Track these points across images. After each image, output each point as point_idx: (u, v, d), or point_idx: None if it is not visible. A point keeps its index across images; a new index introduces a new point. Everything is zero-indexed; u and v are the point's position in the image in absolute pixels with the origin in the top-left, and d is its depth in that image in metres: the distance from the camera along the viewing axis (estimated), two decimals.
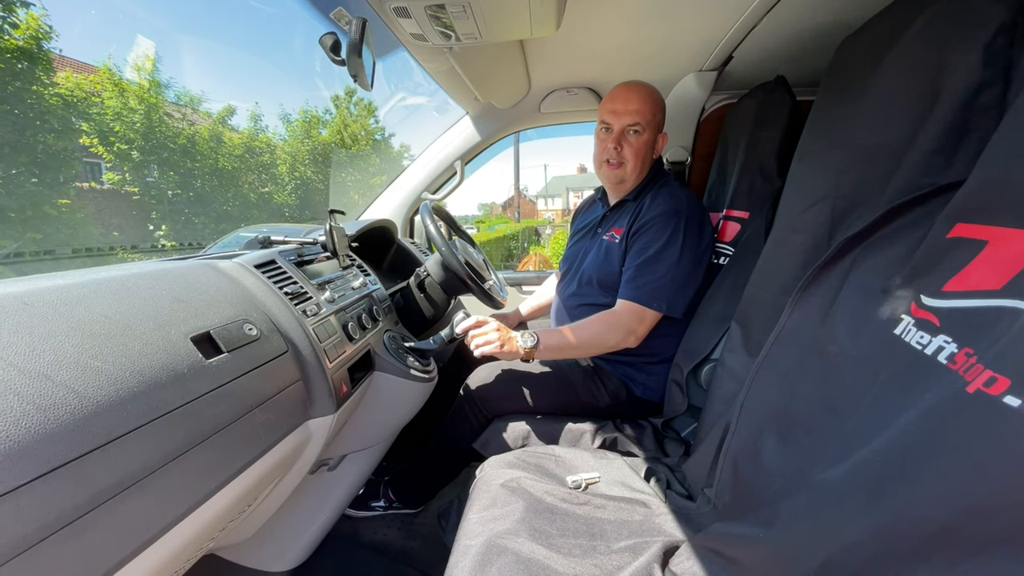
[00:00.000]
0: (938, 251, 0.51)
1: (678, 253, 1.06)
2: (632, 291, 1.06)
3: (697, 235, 1.10)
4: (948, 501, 0.40)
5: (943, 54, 0.58)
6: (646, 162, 1.16)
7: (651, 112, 1.10)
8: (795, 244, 0.79)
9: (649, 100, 1.10)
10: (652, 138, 1.14)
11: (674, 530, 0.75)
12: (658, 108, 1.12)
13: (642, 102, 1.10)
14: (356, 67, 0.83)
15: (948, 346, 0.46)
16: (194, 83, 31.45)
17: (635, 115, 1.10)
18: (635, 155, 1.13)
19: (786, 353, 0.71)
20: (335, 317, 0.86)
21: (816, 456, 0.59)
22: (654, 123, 1.12)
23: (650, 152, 1.16)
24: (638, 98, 1.10)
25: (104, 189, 11.28)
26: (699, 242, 1.11)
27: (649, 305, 1.05)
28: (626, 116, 1.10)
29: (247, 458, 0.59)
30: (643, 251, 1.08)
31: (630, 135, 1.12)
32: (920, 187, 0.57)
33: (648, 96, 1.11)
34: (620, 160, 1.14)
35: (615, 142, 1.13)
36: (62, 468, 0.37)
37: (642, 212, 1.14)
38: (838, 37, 0.82)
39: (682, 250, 1.06)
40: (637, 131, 1.11)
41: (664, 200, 1.12)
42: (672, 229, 1.07)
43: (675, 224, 1.07)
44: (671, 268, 1.06)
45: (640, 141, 1.12)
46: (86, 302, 0.49)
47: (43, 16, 8.56)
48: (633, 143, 1.12)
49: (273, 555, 0.98)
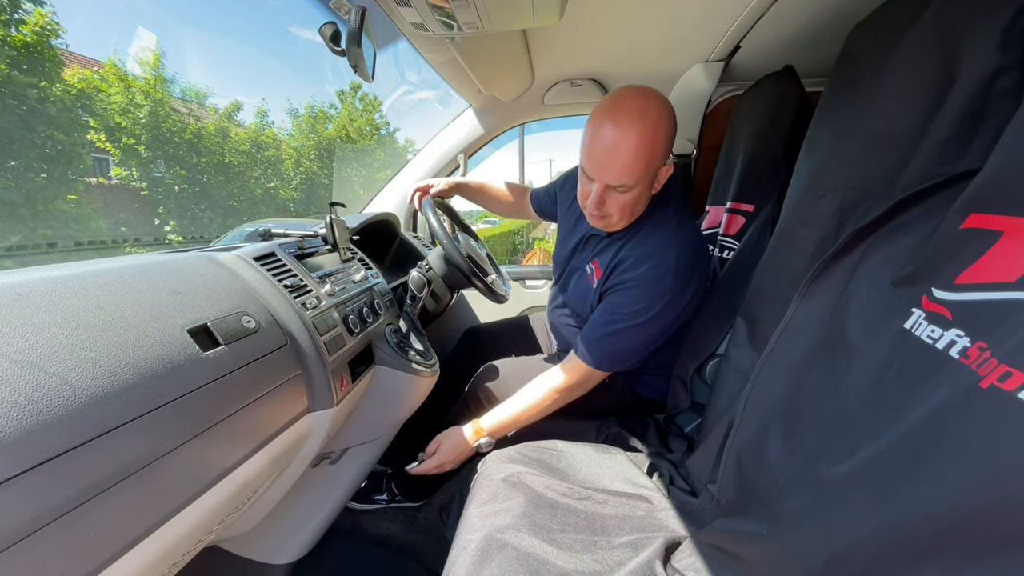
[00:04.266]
0: (951, 242, 0.50)
1: (650, 327, 0.94)
2: (590, 355, 0.96)
3: (678, 301, 0.94)
4: (959, 499, 0.39)
5: (959, 39, 0.56)
6: (638, 209, 0.94)
7: (645, 165, 0.83)
8: (803, 237, 0.77)
9: (643, 152, 0.82)
10: (647, 188, 0.89)
11: (676, 526, 0.74)
12: (656, 152, 0.84)
13: (632, 158, 0.82)
14: (356, 57, 0.82)
15: (960, 340, 0.44)
16: (200, 78, 31.57)
17: (621, 176, 0.84)
18: (622, 209, 0.90)
19: (792, 347, 0.70)
20: (335, 310, 0.85)
21: (822, 452, 0.58)
22: (649, 174, 0.86)
23: (645, 197, 0.92)
24: (627, 154, 0.82)
25: (112, 184, 11.38)
26: (678, 308, 0.95)
27: (608, 369, 0.98)
28: (609, 175, 0.85)
29: (245, 451, 0.58)
30: (612, 318, 0.95)
31: (616, 192, 0.88)
32: (934, 176, 0.55)
33: (641, 146, 0.81)
34: (603, 214, 0.92)
35: (597, 198, 0.89)
36: (55, 460, 0.37)
37: (624, 260, 0.96)
38: (849, 25, 0.80)
39: (657, 321, 0.93)
40: (624, 190, 0.87)
41: (652, 251, 0.93)
42: (649, 300, 0.92)
43: (654, 295, 0.92)
44: (638, 340, 0.95)
45: (630, 196, 0.88)
46: (81, 293, 0.49)
47: (51, 13, 8.62)
48: (620, 199, 0.89)
49: (275, 547, 0.98)
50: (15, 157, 8.22)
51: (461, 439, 1.00)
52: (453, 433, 1.02)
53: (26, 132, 8.31)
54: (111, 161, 11.17)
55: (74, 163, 9.06)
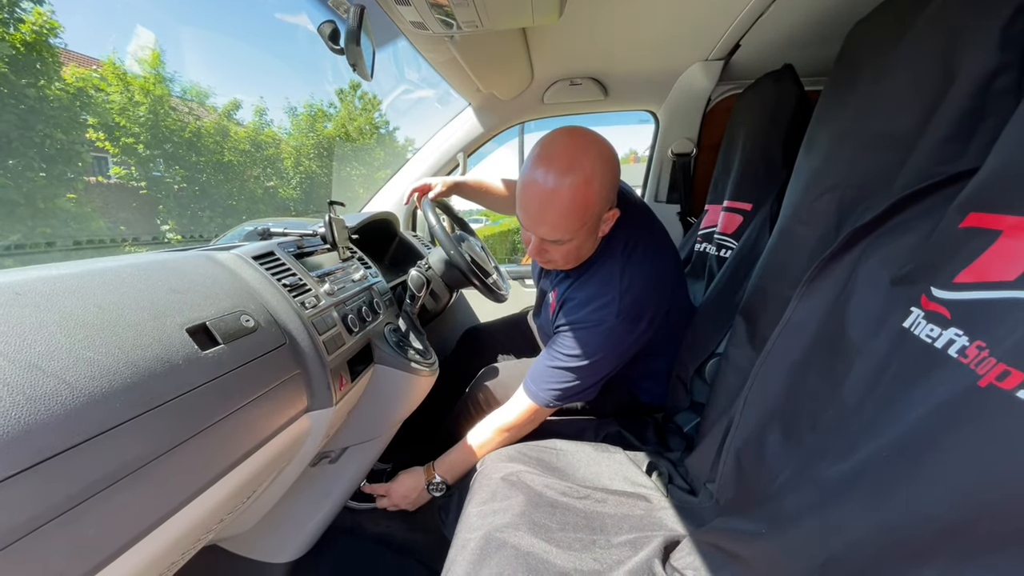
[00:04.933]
0: (950, 241, 0.50)
1: (596, 368, 0.93)
2: (539, 393, 0.94)
3: (624, 340, 0.92)
4: (957, 498, 0.39)
5: (958, 38, 0.56)
6: (584, 254, 0.92)
7: (579, 221, 0.80)
8: (802, 236, 0.77)
9: (575, 208, 0.79)
10: (588, 236, 0.86)
11: (675, 525, 0.74)
12: (590, 204, 0.79)
13: (563, 215, 0.79)
14: (355, 56, 0.82)
15: (959, 339, 0.44)
16: (199, 77, 31.50)
17: (554, 232, 0.82)
18: (565, 256, 0.89)
19: (792, 346, 0.70)
20: (335, 309, 0.85)
21: (821, 451, 0.58)
22: (586, 226, 0.82)
23: (590, 243, 0.89)
24: (558, 211, 0.79)
25: (111, 183, 11.36)
26: (625, 346, 0.93)
27: (555, 406, 0.96)
28: (542, 230, 0.83)
29: (244, 450, 0.58)
30: (557, 358, 0.93)
31: (554, 243, 0.85)
32: (932, 175, 0.55)
33: (573, 202, 0.78)
34: (546, 260, 0.91)
35: (536, 248, 0.88)
36: (53, 459, 0.37)
37: (569, 300, 0.96)
38: (848, 24, 0.80)
39: (603, 364, 0.93)
40: (561, 243, 0.85)
41: (595, 293, 0.91)
42: (592, 345, 0.90)
43: (596, 339, 0.90)
44: (585, 380, 0.93)
45: (571, 246, 0.86)
46: (79, 292, 0.49)
47: (49, 13, 8.60)
48: (561, 248, 0.86)
49: (274, 546, 0.98)
50: (14, 156, 8.21)
51: (413, 484, 1.00)
52: (405, 478, 1.01)
53: (25, 131, 8.29)
54: (110, 160, 11.16)
55: (73, 162, 9.05)
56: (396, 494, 1.01)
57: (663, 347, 1.07)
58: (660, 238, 1.02)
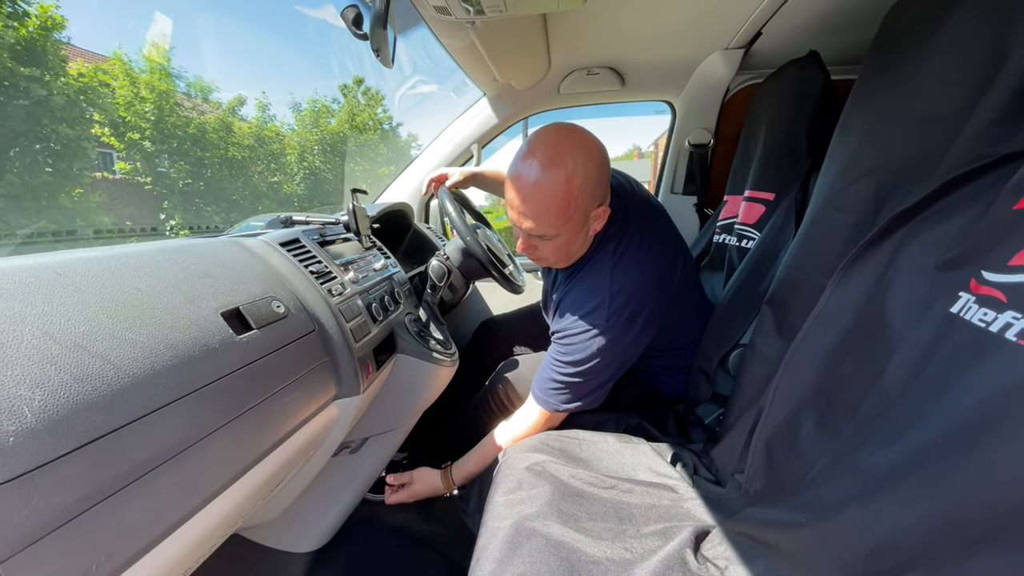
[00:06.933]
0: (1004, 224, 0.49)
1: (598, 373, 0.91)
2: (546, 400, 0.93)
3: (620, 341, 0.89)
4: (1018, 485, 0.38)
5: (1009, 16, 0.55)
6: (575, 252, 0.90)
7: (563, 217, 0.79)
8: (836, 222, 0.76)
9: (557, 203, 0.78)
10: (577, 232, 0.84)
11: (703, 515, 0.74)
12: (575, 200, 0.78)
13: (545, 211, 0.79)
14: (380, 40, 0.81)
15: (1017, 322, 0.43)
16: (202, 72, 31.50)
17: (539, 227, 0.81)
18: (554, 253, 0.88)
19: (826, 334, 0.69)
20: (359, 297, 0.84)
21: (861, 439, 0.57)
22: (572, 222, 0.81)
23: (580, 240, 0.87)
24: (540, 206, 0.79)
25: (116, 179, 11.41)
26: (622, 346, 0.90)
27: (566, 411, 0.95)
28: (526, 224, 0.82)
29: (277, 436, 0.58)
30: (557, 366, 0.92)
31: (541, 239, 0.85)
32: (981, 157, 0.54)
33: (555, 197, 0.77)
34: (536, 257, 0.90)
35: (524, 244, 0.88)
36: (101, 439, 0.37)
37: (561, 302, 0.94)
38: (875, 9, 0.78)
39: (604, 368, 0.90)
40: (547, 238, 0.84)
41: (584, 296, 0.89)
42: (587, 352, 0.88)
43: (590, 346, 0.88)
44: (588, 385, 0.92)
45: (559, 242, 0.85)
46: (117, 274, 0.48)
47: (54, 8, 8.60)
48: (548, 245, 0.85)
49: (296, 537, 0.98)
50: (21, 150, 8.24)
51: (430, 492, 1.01)
52: (423, 485, 1.01)
53: (31, 126, 8.32)
54: (115, 155, 11.19)
55: (79, 157, 9.09)
56: (415, 492, 1.01)
57: (682, 341, 1.06)
58: (661, 233, 0.98)
